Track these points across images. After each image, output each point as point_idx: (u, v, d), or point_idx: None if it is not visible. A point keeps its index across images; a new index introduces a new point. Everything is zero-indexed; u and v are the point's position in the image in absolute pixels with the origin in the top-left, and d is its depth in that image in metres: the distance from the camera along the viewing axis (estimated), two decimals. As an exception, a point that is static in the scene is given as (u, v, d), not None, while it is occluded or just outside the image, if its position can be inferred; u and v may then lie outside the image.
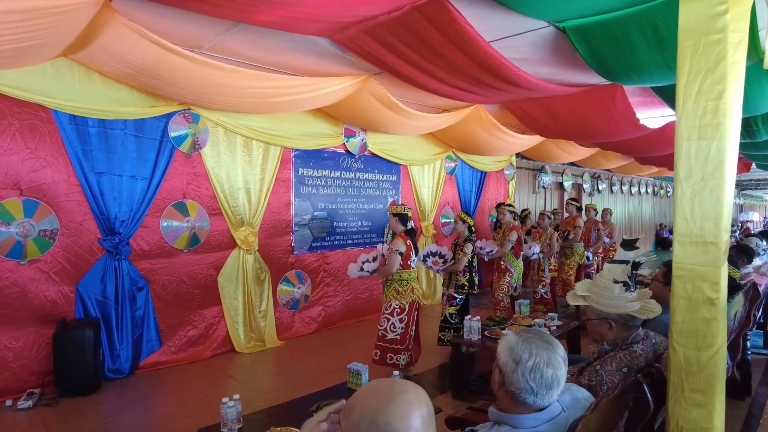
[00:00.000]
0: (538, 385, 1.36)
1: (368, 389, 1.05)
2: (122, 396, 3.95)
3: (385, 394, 1.00)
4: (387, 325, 4.01)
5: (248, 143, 5.16)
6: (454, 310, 4.82)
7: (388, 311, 4.02)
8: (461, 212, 5.14)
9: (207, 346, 4.90)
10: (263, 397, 3.80)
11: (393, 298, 4.03)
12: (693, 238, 1.57)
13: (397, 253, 3.98)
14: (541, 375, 1.37)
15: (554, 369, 1.38)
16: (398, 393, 1.00)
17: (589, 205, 8.12)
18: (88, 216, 4.16)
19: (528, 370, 1.37)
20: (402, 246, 4.00)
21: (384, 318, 4.03)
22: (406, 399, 0.99)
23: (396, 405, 0.98)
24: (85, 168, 4.08)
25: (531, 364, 1.37)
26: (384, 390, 1.01)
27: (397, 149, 6.77)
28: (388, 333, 3.99)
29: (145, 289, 4.49)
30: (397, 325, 4.00)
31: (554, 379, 1.38)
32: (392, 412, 0.97)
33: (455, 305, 4.84)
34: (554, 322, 4.14)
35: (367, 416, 0.98)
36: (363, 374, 2.84)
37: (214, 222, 4.95)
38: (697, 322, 1.56)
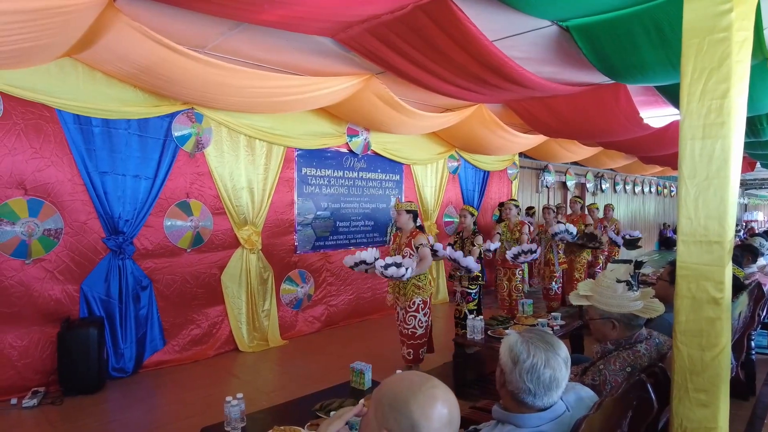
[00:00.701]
0: (535, 385, 1.36)
1: (405, 375, 1.09)
2: (126, 395, 3.96)
3: (417, 382, 1.04)
4: (415, 322, 4.01)
5: (251, 143, 5.16)
6: (473, 306, 4.86)
7: (413, 309, 4.02)
8: (468, 206, 5.14)
9: (210, 345, 4.91)
10: (266, 396, 3.81)
11: (414, 295, 4.02)
12: (697, 238, 1.56)
13: (426, 247, 3.99)
14: (538, 376, 1.36)
15: (553, 370, 1.37)
16: (428, 385, 1.03)
17: (591, 205, 8.06)
18: (92, 215, 4.17)
19: (525, 370, 1.37)
20: (425, 239, 4.04)
21: (410, 316, 4.02)
22: (434, 393, 1.01)
23: (421, 394, 1.00)
24: (89, 167, 4.10)
25: (528, 365, 1.37)
26: (416, 379, 1.05)
27: (400, 149, 6.77)
28: (417, 329, 4.02)
29: (148, 289, 4.50)
30: (423, 320, 4.04)
31: (553, 380, 1.37)
32: (414, 396, 1.00)
33: (472, 300, 4.87)
34: (557, 322, 4.13)
35: (390, 396, 1.02)
36: (366, 373, 2.84)
37: (218, 221, 4.96)
38: (702, 321, 1.55)
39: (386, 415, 1.00)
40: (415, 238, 4.03)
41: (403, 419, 0.98)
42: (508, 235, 5.66)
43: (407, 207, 4.15)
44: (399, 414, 0.99)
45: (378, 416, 1.02)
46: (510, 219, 5.71)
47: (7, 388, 3.74)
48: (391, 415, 1.00)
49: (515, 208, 5.75)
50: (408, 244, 4.05)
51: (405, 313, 4.04)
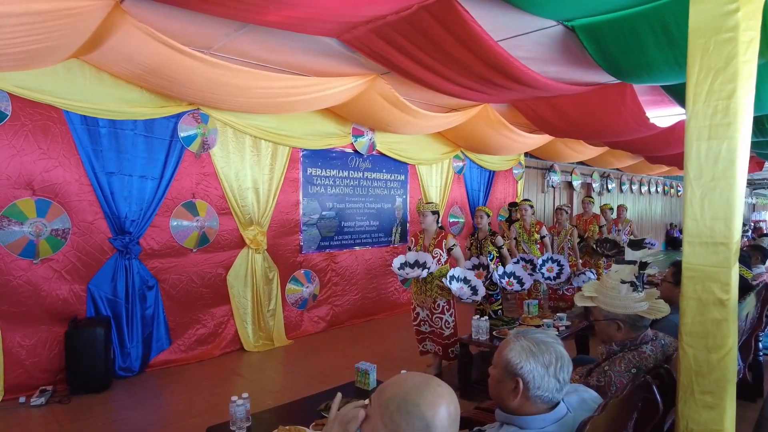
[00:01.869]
0: (565, 378, 1.39)
1: (404, 376, 1.09)
2: (132, 394, 3.99)
3: (421, 382, 1.04)
4: (441, 323, 4.09)
5: (257, 143, 5.18)
6: (498, 306, 4.93)
7: (438, 311, 4.09)
8: (483, 207, 5.15)
9: (216, 344, 4.94)
10: (272, 396, 3.82)
11: (438, 296, 4.07)
12: (703, 239, 1.56)
13: (458, 247, 4.10)
14: (568, 370, 1.41)
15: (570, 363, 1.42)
16: (433, 384, 1.04)
17: (605, 206, 7.95)
18: (99, 215, 4.20)
19: (558, 370, 1.39)
20: (454, 239, 4.13)
21: (437, 318, 4.11)
22: (439, 391, 1.03)
23: (429, 392, 1.02)
24: (96, 168, 4.12)
25: (559, 364, 1.39)
26: (420, 379, 1.06)
27: (405, 149, 6.77)
28: (444, 330, 4.09)
29: (155, 288, 4.53)
30: (450, 320, 4.10)
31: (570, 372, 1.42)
32: (423, 397, 1.01)
33: (495, 301, 4.93)
34: (563, 323, 4.12)
35: (398, 397, 1.02)
36: (371, 373, 2.85)
37: (224, 221, 4.98)
38: (708, 323, 1.54)
39: (396, 419, 1.00)
40: (447, 239, 4.11)
41: (417, 421, 0.99)
42: (525, 237, 5.60)
43: (433, 208, 4.15)
44: (410, 416, 0.99)
45: (386, 421, 1.01)
46: (525, 220, 5.66)
47: (15, 387, 3.77)
48: (402, 418, 0.99)
49: (530, 208, 5.68)
50: (438, 245, 4.10)
51: (431, 314, 4.13)
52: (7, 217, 3.75)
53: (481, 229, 4.97)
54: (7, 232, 3.76)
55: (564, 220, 6.42)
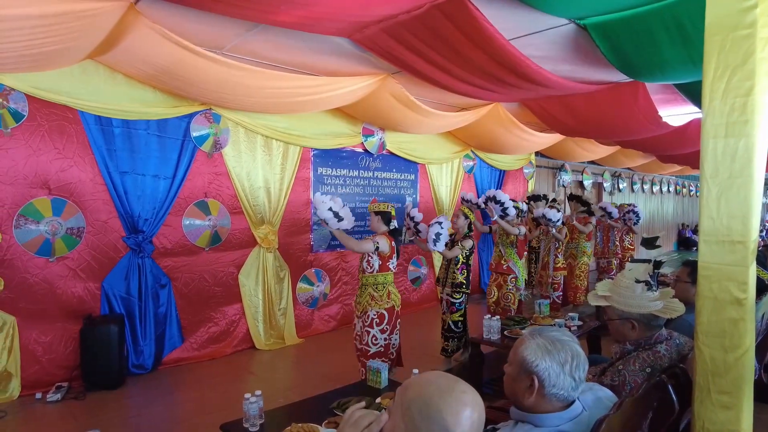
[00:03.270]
0: (581, 379, 1.38)
1: (429, 377, 1.06)
2: (146, 391, 4.03)
3: (445, 386, 1.02)
4: (368, 338, 3.62)
5: (268, 143, 5.21)
6: (458, 317, 4.51)
7: (367, 323, 3.63)
8: (464, 206, 4.81)
9: (228, 343, 4.97)
10: (283, 394, 3.84)
11: (368, 306, 3.64)
12: (720, 238, 1.54)
13: (374, 245, 3.62)
14: (584, 369, 1.41)
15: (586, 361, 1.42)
16: (457, 390, 1.02)
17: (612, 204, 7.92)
18: (113, 214, 4.24)
19: (574, 368, 1.38)
20: (386, 245, 3.68)
21: (364, 331, 3.65)
22: (463, 398, 1.01)
23: (452, 399, 0.99)
24: (110, 167, 4.17)
25: (575, 363, 1.38)
26: (444, 383, 1.03)
27: (415, 148, 6.77)
28: (371, 347, 3.61)
29: (167, 287, 4.57)
30: (379, 336, 3.63)
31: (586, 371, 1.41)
32: (447, 403, 0.99)
33: (456, 311, 4.51)
34: (575, 322, 4.10)
35: (420, 400, 1.01)
36: (382, 372, 2.85)
37: (235, 220, 5.02)
38: (724, 322, 1.53)
39: (416, 422, 0.99)
40: (377, 236, 3.72)
41: (436, 427, 0.97)
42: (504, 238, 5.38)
43: (376, 208, 3.84)
44: (431, 422, 0.98)
45: (407, 422, 1.00)
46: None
47: (32, 383, 3.83)
48: (422, 422, 0.98)
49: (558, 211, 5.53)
50: None
51: (362, 326, 3.67)
52: (24, 216, 3.80)
53: (458, 230, 4.65)
54: (24, 231, 3.81)
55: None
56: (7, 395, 3.71)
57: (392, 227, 3.87)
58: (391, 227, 3.86)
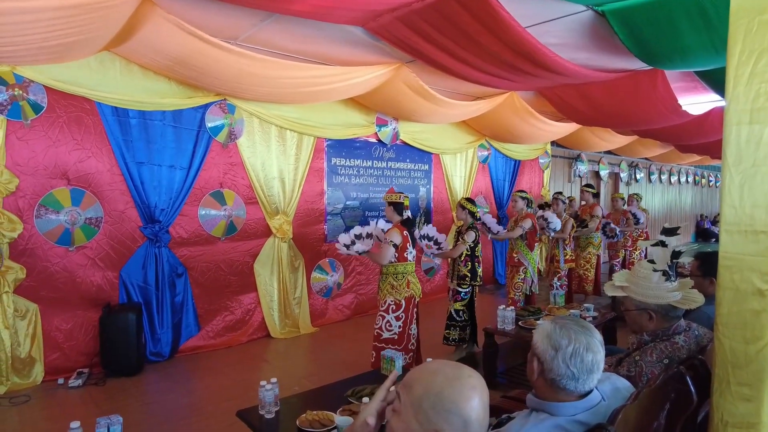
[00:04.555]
0: (579, 370, 1.36)
1: (433, 368, 1.06)
2: (164, 378, 4.10)
3: (453, 375, 1.02)
4: (382, 323, 3.69)
5: (282, 133, 5.22)
6: (460, 306, 4.48)
7: (383, 308, 3.70)
8: (463, 199, 4.75)
9: (243, 331, 5.03)
10: (298, 382, 3.88)
11: (388, 294, 3.71)
12: (742, 227, 1.50)
13: (391, 245, 3.66)
14: (581, 360, 1.36)
15: (594, 353, 1.37)
16: (464, 376, 1.02)
17: (616, 195, 7.70)
18: (130, 204, 4.30)
19: (568, 355, 1.36)
20: (398, 237, 3.69)
21: (379, 316, 3.72)
22: (471, 383, 1.01)
23: (462, 386, 1.00)
24: (127, 158, 4.22)
25: (571, 350, 1.36)
26: (451, 371, 1.03)
27: (429, 138, 6.73)
28: (384, 332, 3.67)
29: (184, 276, 4.63)
30: (394, 323, 3.67)
31: (594, 363, 1.37)
32: (459, 392, 0.99)
33: (460, 300, 4.49)
34: (590, 313, 4.06)
35: (432, 393, 1.00)
36: (397, 360, 2.85)
37: (250, 210, 5.05)
38: (745, 313, 1.49)
39: (432, 418, 0.99)
40: (388, 232, 3.73)
41: (455, 418, 0.97)
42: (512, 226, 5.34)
43: (390, 198, 3.86)
44: (449, 413, 0.98)
45: (422, 420, 1.00)
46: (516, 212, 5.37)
47: (54, 369, 3.92)
48: (438, 417, 0.98)
49: (522, 200, 5.32)
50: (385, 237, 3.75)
51: (378, 312, 3.75)
52: (45, 206, 3.87)
53: (463, 221, 4.61)
54: (45, 221, 3.88)
55: (561, 211, 5.98)
56: (30, 380, 3.81)
57: (405, 217, 3.88)
58: (404, 217, 3.87)
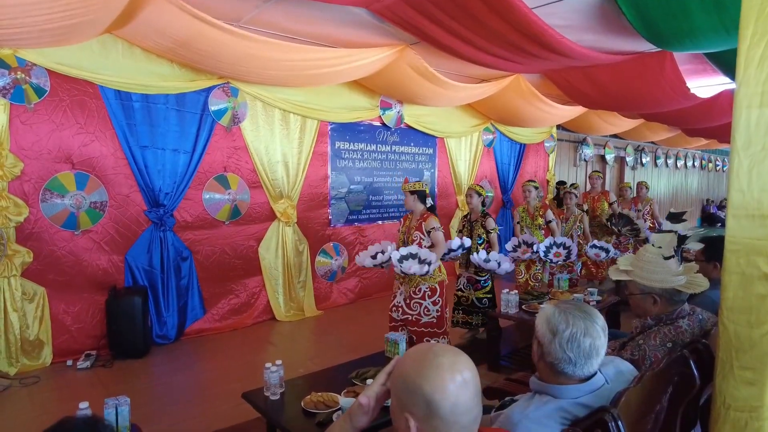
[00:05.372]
0: (576, 354, 1.36)
1: (410, 351, 1.06)
2: (171, 360, 4.15)
3: (419, 357, 1.01)
4: (420, 309, 3.69)
5: (286, 117, 5.19)
6: (483, 294, 4.44)
7: (418, 295, 3.69)
8: (475, 185, 4.65)
9: (249, 314, 5.07)
10: (303, 364, 3.92)
11: (422, 281, 3.67)
12: (749, 211, 1.49)
13: (439, 231, 3.68)
14: (578, 345, 1.36)
15: (592, 338, 1.37)
16: (430, 355, 0.99)
17: (624, 184, 7.31)
18: (134, 188, 4.31)
19: (565, 340, 1.37)
20: (438, 222, 3.72)
21: (415, 303, 3.70)
22: (438, 362, 0.98)
23: (426, 368, 0.97)
24: (131, 142, 4.21)
25: (568, 335, 1.37)
26: (418, 355, 1.02)
27: (433, 121, 6.69)
28: (423, 317, 3.70)
29: (189, 260, 4.66)
30: (431, 308, 3.70)
31: (592, 349, 1.37)
32: (421, 373, 0.97)
33: (481, 288, 4.44)
34: (593, 297, 4.07)
35: (401, 377, 1.01)
36: (400, 343, 2.88)
37: (254, 195, 5.05)
38: (751, 298, 1.49)
39: (403, 400, 1.00)
40: (426, 221, 3.70)
41: (419, 399, 0.96)
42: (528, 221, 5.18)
43: (412, 188, 3.78)
44: (413, 395, 0.97)
45: (398, 402, 1.02)
46: (529, 202, 5.21)
47: (63, 351, 3.98)
48: (407, 399, 0.98)
49: (535, 189, 5.19)
50: (418, 227, 3.73)
51: (409, 300, 3.72)
52: (50, 190, 3.89)
53: (473, 209, 4.53)
54: (50, 205, 3.90)
55: (572, 205, 5.82)
56: (40, 362, 3.87)
57: (428, 205, 3.84)
58: (428, 205, 3.84)
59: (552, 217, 5.16)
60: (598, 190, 6.64)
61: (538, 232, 5.17)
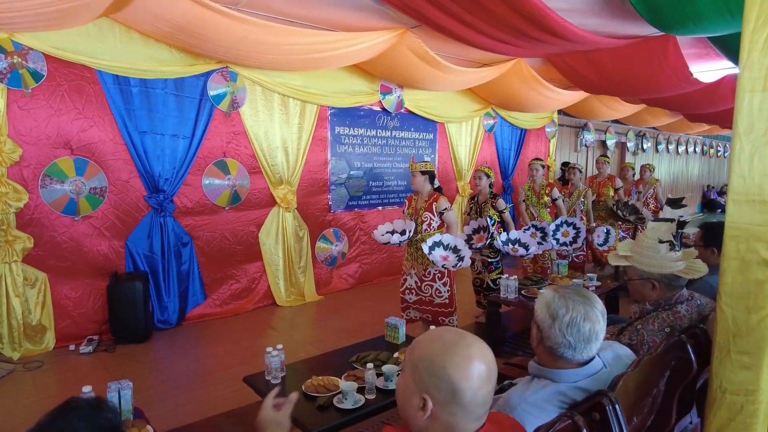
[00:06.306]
0: (575, 339, 1.37)
1: (435, 334, 1.08)
2: (172, 345, 4.19)
3: (450, 342, 1.03)
4: (432, 291, 3.85)
5: (285, 101, 5.16)
6: (496, 275, 4.46)
7: (429, 278, 3.83)
8: (483, 167, 4.67)
9: (250, 299, 5.10)
10: (304, 348, 3.95)
11: (429, 263, 3.74)
12: (750, 197, 1.49)
13: (452, 211, 3.82)
14: (578, 329, 1.37)
15: (592, 323, 1.38)
16: (462, 344, 1.02)
17: (626, 164, 7.29)
18: (134, 174, 4.30)
19: (565, 324, 1.38)
20: (448, 203, 3.84)
21: (426, 285, 3.85)
22: (469, 352, 1.01)
23: (456, 354, 1.00)
24: (129, 127, 4.19)
25: (567, 319, 1.38)
26: (450, 338, 1.04)
27: (434, 106, 6.65)
28: (435, 298, 3.85)
29: (189, 245, 4.67)
30: (443, 289, 3.84)
31: (592, 333, 1.38)
32: (451, 359, 1.00)
33: (495, 269, 4.49)
34: (592, 283, 4.09)
35: (426, 357, 1.02)
36: (400, 328, 2.90)
37: (254, 180, 5.05)
38: (749, 283, 1.50)
39: (425, 380, 1.01)
40: (438, 202, 3.78)
41: (443, 384, 0.99)
42: (534, 199, 5.27)
43: (424, 168, 3.84)
44: (437, 379, 0.99)
45: (416, 380, 1.03)
46: (535, 181, 5.27)
47: (65, 336, 4.01)
48: (429, 380, 1.00)
49: (542, 168, 5.23)
50: (428, 208, 3.80)
51: (420, 282, 3.87)
52: (49, 176, 3.88)
53: (481, 191, 4.54)
54: (50, 190, 3.90)
55: (577, 180, 5.92)
56: (43, 346, 3.90)
57: (436, 186, 3.93)
58: (435, 186, 3.92)
59: (558, 194, 5.28)
60: (604, 175, 6.59)
61: (544, 210, 5.28)
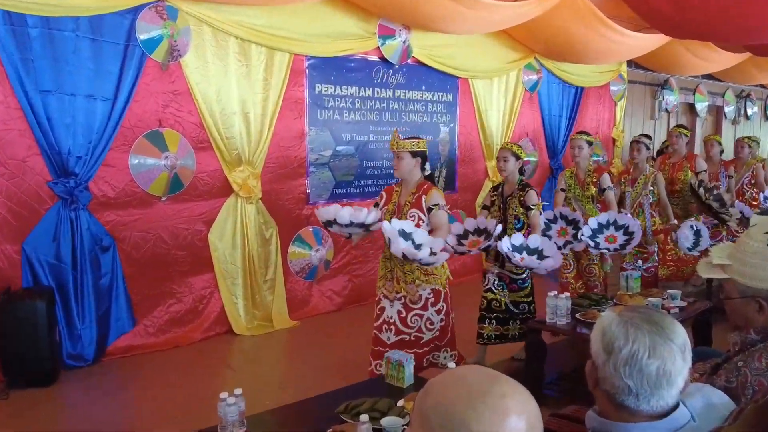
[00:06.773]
0: (636, 382, 1.35)
1: (457, 375, 1.07)
2: (87, 389, 4.20)
3: (477, 388, 1.01)
4: (421, 323, 3.74)
5: (245, 48, 5.15)
6: (521, 298, 4.41)
7: (419, 305, 3.73)
8: (510, 143, 4.68)
9: (196, 325, 5.11)
10: (272, 394, 3.95)
11: (421, 283, 3.71)
12: None
13: (445, 210, 3.75)
14: (640, 369, 1.35)
15: (662, 361, 1.35)
16: (493, 393, 0.99)
17: (711, 137, 7.23)
18: (34, 150, 4.29)
19: (621, 361, 1.36)
20: (442, 199, 3.76)
21: (414, 317, 3.73)
22: (503, 404, 0.98)
23: (485, 406, 0.98)
24: (27, 85, 4.17)
25: (626, 354, 1.36)
26: (477, 382, 1.02)
27: (453, 55, 6.66)
28: (424, 334, 3.75)
29: (111, 250, 4.66)
30: (434, 318, 3.77)
31: (662, 375, 1.36)
32: (476, 412, 0.97)
33: (519, 289, 4.41)
34: (675, 303, 4.09)
35: (442, 408, 1.00)
36: (406, 366, 2.90)
37: (202, 159, 5.05)
38: None
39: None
40: (428, 195, 3.72)
41: None
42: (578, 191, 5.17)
43: (415, 147, 3.79)
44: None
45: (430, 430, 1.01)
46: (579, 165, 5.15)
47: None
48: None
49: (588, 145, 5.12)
50: (416, 203, 3.74)
51: (405, 312, 3.76)
52: None
53: (508, 179, 4.45)
54: None
55: (642, 160, 5.68)
56: None
57: (427, 172, 3.89)
58: (427, 173, 3.88)
59: (609, 183, 5.10)
60: (681, 153, 6.46)
61: (592, 206, 5.10)
